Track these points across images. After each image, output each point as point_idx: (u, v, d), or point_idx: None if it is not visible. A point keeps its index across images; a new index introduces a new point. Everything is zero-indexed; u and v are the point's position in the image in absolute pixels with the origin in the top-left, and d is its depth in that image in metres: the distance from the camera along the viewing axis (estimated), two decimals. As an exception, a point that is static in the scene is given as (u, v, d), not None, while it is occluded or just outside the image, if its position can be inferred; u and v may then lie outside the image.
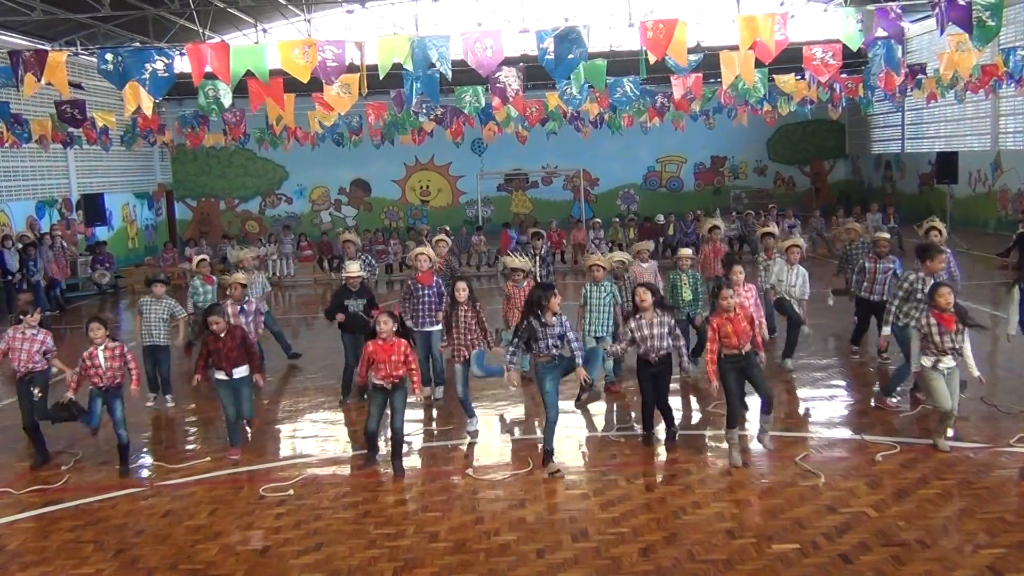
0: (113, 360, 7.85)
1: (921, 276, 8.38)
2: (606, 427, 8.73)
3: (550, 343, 7.32)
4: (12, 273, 17.34)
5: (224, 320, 8.17)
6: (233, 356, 7.97)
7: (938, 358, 7.23)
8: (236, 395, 8.11)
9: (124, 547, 6.38)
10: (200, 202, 31.36)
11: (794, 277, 10.14)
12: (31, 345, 8.28)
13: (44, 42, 20.95)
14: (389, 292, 19.02)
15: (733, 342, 7.25)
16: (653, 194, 31.51)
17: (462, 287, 8.48)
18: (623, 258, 10.16)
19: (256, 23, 23.80)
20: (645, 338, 7.65)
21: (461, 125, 19.65)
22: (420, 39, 9.92)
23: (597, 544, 6.04)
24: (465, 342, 8.45)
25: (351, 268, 9.79)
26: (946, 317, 7.15)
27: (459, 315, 8.44)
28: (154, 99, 9.82)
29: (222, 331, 7.99)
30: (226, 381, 8.05)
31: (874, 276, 9.99)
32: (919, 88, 17.94)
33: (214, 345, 7.98)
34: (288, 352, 12.22)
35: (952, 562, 5.54)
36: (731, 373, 7.32)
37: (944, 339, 7.17)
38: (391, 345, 7.40)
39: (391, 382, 7.42)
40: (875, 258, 10.09)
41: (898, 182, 28.72)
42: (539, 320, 7.30)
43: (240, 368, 8.04)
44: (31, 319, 8.37)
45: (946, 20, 9.83)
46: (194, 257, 13.20)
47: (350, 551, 6.13)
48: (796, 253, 10.19)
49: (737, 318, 7.26)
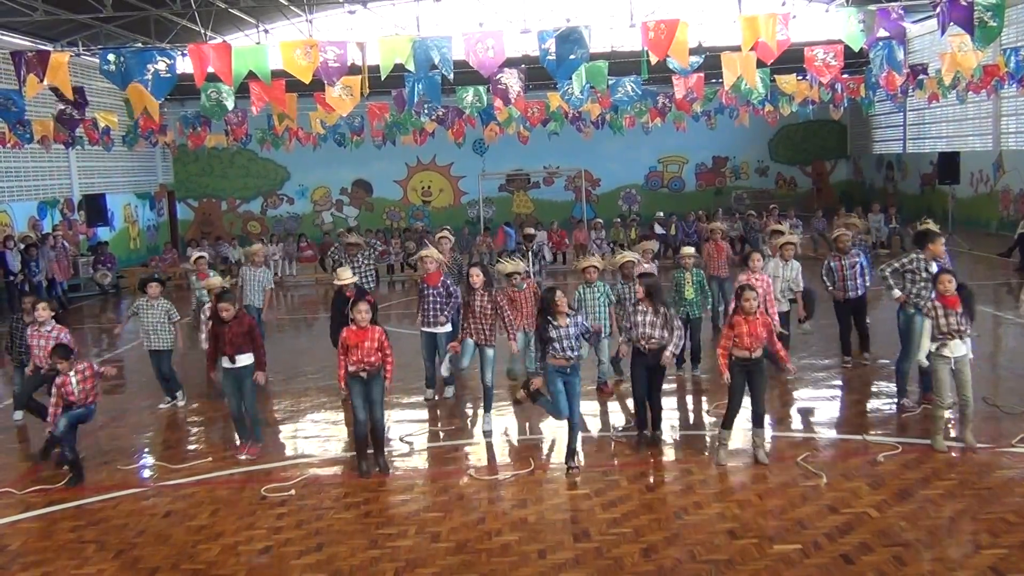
0: (85, 382, 7.79)
1: (921, 258, 8.43)
2: (608, 428, 8.72)
3: (565, 344, 7.30)
4: (14, 273, 17.35)
5: (234, 307, 8.13)
6: (237, 342, 7.97)
7: (943, 342, 7.28)
8: (239, 385, 8.09)
9: (125, 547, 6.38)
10: (202, 202, 31.39)
11: (790, 271, 10.13)
12: (47, 342, 8.38)
13: (46, 42, 20.99)
14: (391, 292, 19.04)
15: (745, 343, 7.21)
16: (655, 194, 31.50)
17: (476, 272, 8.51)
18: (632, 257, 10.08)
19: (258, 24, 23.81)
20: (636, 324, 7.68)
21: (463, 125, 19.66)
22: (422, 40, 9.92)
23: (599, 544, 6.04)
24: (482, 327, 8.51)
25: (343, 275, 9.61)
26: (949, 298, 7.27)
27: (475, 301, 8.50)
28: (157, 100, 9.82)
29: (230, 317, 7.98)
30: (230, 369, 8.04)
31: (843, 273, 9.99)
32: (921, 88, 17.93)
33: (219, 330, 8.01)
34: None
35: (954, 562, 5.54)
36: (739, 375, 7.30)
37: (949, 320, 7.25)
38: (364, 331, 7.34)
39: (364, 369, 7.36)
40: (838, 256, 10.06)
41: (900, 182, 28.70)
42: (552, 323, 7.30)
43: (243, 356, 8.03)
44: (40, 314, 8.46)
45: (947, 20, 9.82)
46: (193, 254, 13.24)
47: (351, 551, 6.13)
48: (790, 250, 10.20)
49: (755, 321, 7.23)
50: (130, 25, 21.19)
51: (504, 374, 10.28)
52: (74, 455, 7.71)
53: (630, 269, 9.79)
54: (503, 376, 10.18)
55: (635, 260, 10.05)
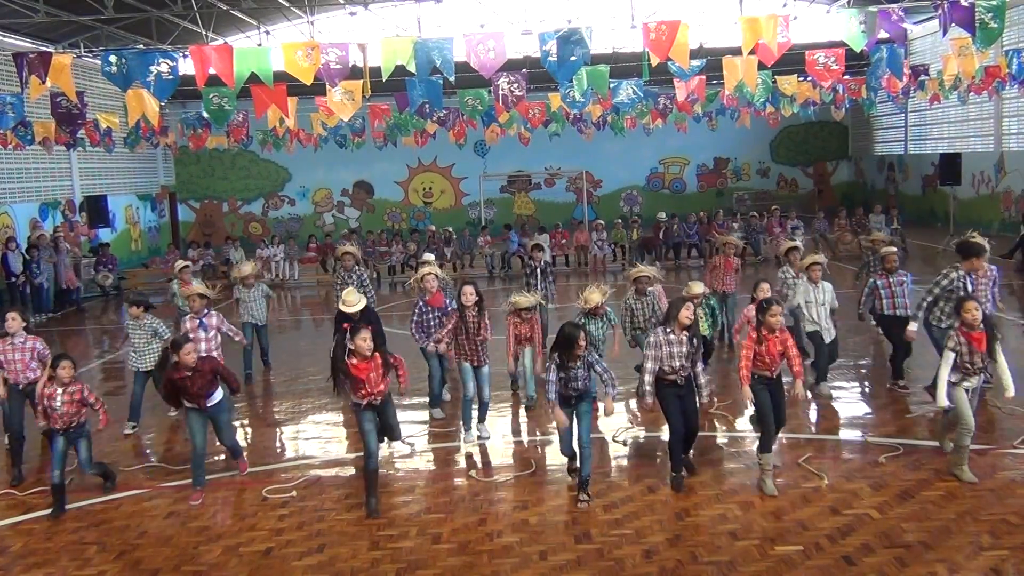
0: (70, 405, 7.09)
1: (961, 275, 8.21)
2: (610, 429, 8.71)
3: (579, 374, 6.72)
4: (15, 275, 17.37)
5: (195, 352, 7.34)
6: (206, 388, 7.22)
7: (964, 376, 6.84)
8: (213, 422, 7.39)
9: (127, 548, 6.39)
10: (203, 204, 31.41)
11: (822, 295, 9.45)
12: (22, 354, 8.07)
13: (47, 44, 21.01)
14: (392, 294, 19.04)
15: (765, 362, 6.86)
16: (656, 195, 31.49)
17: (470, 291, 8.22)
18: (649, 272, 9.53)
19: (259, 25, 23.84)
20: (671, 355, 6.88)
21: (464, 127, 19.67)
22: (423, 41, 9.94)
23: (600, 546, 6.04)
24: (476, 348, 8.29)
25: (348, 299, 8.87)
26: (976, 336, 6.74)
27: (467, 320, 8.26)
28: (159, 101, 9.83)
29: (192, 365, 7.13)
30: (199, 410, 7.28)
31: (891, 291, 9.41)
32: (922, 89, 17.94)
33: (181, 382, 7.13)
34: (245, 373, 11.15)
35: (955, 564, 5.53)
36: (763, 392, 6.87)
37: (975, 359, 6.78)
38: (369, 362, 6.68)
39: (374, 399, 6.80)
40: (885, 274, 9.54)
41: (901, 184, 28.69)
42: (567, 359, 6.69)
43: (214, 395, 7.32)
44: (10, 325, 7.98)
45: (949, 22, 9.84)
46: (177, 263, 12.29)
47: (353, 553, 6.13)
48: (818, 271, 9.48)
49: (774, 339, 6.85)
50: (131, 27, 21.22)
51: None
52: (60, 481, 7.08)
53: (644, 284, 9.39)
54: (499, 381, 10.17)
55: (650, 276, 9.55)
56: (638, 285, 9.40)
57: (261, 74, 9.85)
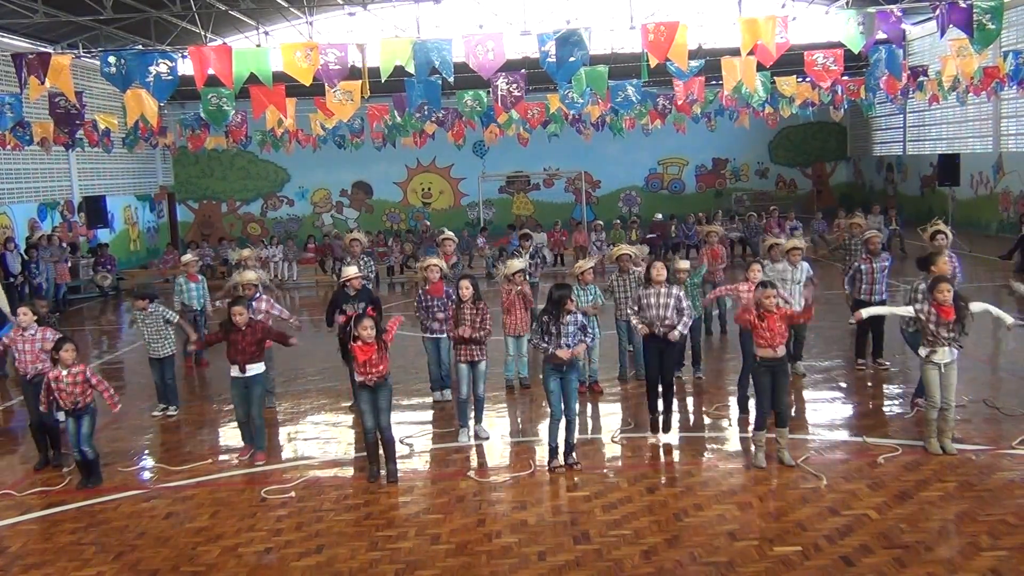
0: (75, 386, 7.53)
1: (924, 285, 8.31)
2: (608, 429, 8.72)
3: (570, 330, 7.35)
4: (14, 275, 17.36)
5: (247, 313, 8.07)
6: (250, 351, 7.92)
7: (933, 348, 7.29)
8: (247, 394, 8.05)
9: (125, 549, 6.38)
10: (202, 204, 31.40)
11: (799, 274, 9.87)
12: (32, 345, 8.22)
13: (46, 44, 21.01)
14: (390, 294, 19.04)
15: (766, 337, 7.22)
16: (655, 196, 31.52)
17: (466, 285, 8.37)
18: (629, 251, 10.11)
19: (258, 26, 23.84)
20: (651, 306, 7.98)
21: (462, 127, 19.68)
22: (422, 42, 9.94)
23: (599, 546, 6.04)
24: (471, 344, 8.32)
25: (348, 271, 9.39)
26: (945, 308, 7.18)
27: (464, 314, 8.34)
28: (158, 102, 9.84)
29: (244, 324, 7.92)
30: (239, 378, 7.99)
31: (872, 276, 9.91)
32: (921, 90, 17.96)
33: (232, 336, 7.93)
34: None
35: (954, 565, 5.53)
36: (765, 376, 7.30)
37: (940, 329, 7.22)
38: (371, 346, 7.26)
39: (373, 380, 7.30)
40: (869, 258, 9.97)
41: (900, 184, 28.72)
42: (556, 319, 7.34)
43: (254, 365, 7.99)
44: (22, 319, 8.21)
45: (947, 23, 9.85)
46: (184, 257, 12.95)
47: (351, 553, 6.13)
48: (797, 255, 9.96)
49: (774, 317, 7.25)
50: (130, 27, 21.23)
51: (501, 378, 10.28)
52: (84, 458, 7.64)
53: (626, 262, 9.94)
54: (494, 383, 10.18)
55: (631, 254, 10.10)
56: (621, 263, 9.98)
57: (260, 75, 9.85)
